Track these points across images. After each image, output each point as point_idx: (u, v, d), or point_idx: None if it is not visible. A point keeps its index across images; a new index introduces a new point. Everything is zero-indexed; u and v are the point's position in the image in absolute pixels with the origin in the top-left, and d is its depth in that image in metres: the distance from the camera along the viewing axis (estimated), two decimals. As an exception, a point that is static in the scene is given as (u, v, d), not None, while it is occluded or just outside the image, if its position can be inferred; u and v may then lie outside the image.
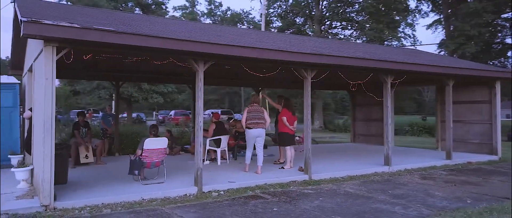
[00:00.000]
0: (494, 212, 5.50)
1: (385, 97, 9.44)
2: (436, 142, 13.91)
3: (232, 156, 10.65)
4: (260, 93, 14.25)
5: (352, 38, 36.23)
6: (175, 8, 73.25)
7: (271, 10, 36.61)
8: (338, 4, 32.27)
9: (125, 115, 24.35)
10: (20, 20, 5.32)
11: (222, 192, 6.87)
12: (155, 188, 6.80)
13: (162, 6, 25.09)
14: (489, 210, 5.62)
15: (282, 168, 9.00)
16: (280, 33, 16.11)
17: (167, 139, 7.42)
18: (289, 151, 9.02)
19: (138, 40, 5.92)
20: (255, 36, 9.37)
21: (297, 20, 36.75)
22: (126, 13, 9.29)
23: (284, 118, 8.90)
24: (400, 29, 34.49)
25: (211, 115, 11.21)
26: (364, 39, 35.07)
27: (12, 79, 9.36)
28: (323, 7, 33.04)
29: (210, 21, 71.96)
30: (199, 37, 6.88)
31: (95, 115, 22.93)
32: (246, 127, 8.44)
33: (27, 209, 5.54)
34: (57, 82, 26.59)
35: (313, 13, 32.72)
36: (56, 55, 5.69)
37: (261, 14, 29.97)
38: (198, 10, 72.67)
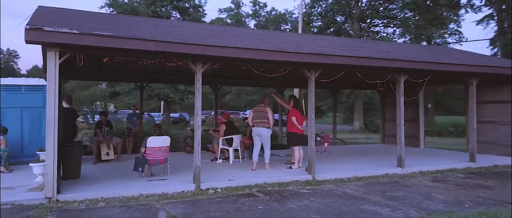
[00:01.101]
0: (483, 217, 5.24)
1: (397, 97, 9.19)
2: (466, 143, 13.22)
3: (247, 155, 10.81)
4: (272, 93, 14.34)
5: (395, 37, 35.12)
6: (220, 10, 75.10)
7: (312, 10, 36.40)
8: (379, 2, 31.40)
9: (157, 114, 25.13)
10: (24, 27, 5.82)
11: (219, 190, 7.06)
12: (156, 184, 7.14)
13: (200, 9, 25.76)
14: (478, 214, 5.37)
15: (290, 167, 9.04)
16: (288, 33, 16.01)
17: (169, 138, 7.73)
18: (298, 151, 9.04)
19: (131, 43, 6.26)
20: (261, 37, 9.45)
21: (338, 19, 36.24)
22: (141, 18, 9.74)
23: (293, 118, 8.95)
24: (448, 26, 32.95)
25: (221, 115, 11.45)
26: (408, 37, 33.92)
27: (41, 81, 10.13)
28: (363, 5, 32.29)
29: (255, 22, 72.87)
30: (194, 40, 7.11)
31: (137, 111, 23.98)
32: (252, 125, 8.73)
33: (32, 201, 6.04)
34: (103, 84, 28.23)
35: (353, 12, 32.08)
36: (59, 59, 6.16)
37: (298, 13, 29.97)
38: (243, 11, 73.80)
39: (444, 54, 11.74)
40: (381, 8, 31.27)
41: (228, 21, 71.15)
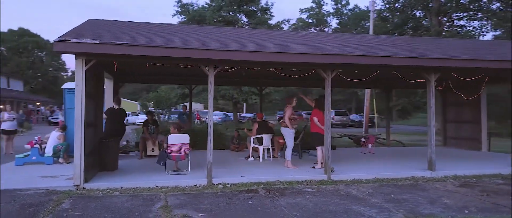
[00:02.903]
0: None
1: (428, 97, 8.73)
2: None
3: (280, 154, 11.07)
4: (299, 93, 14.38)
5: (483, 31, 32.24)
6: (301, 11, 75.15)
7: (388, 6, 34.94)
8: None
9: (217, 114, 25.99)
10: (54, 40, 6.85)
11: (228, 185, 7.51)
12: (174, 178, 7.81)
13: (266, 11, 26.36)
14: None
15: (313, 167, 9.14)
16: (307, 33, 15.69)
17: (187, 136, 8.36)
18: (320, 151, 9.10)
19: (141, 50, 6.99)
20: (280, 39, 9.61)
21: (418, 14, 34.28)
22: (179, 26, 10.53)
23: (315, 119, 9.04)
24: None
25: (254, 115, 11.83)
26: (498, 31, 30.94)
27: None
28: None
29: (337, 21, 71.70)
30: (204, 45, 7.62)
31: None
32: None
33: (64, 187, 7.07)
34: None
35: (431, 5, 30.15)
36: (86, 66, 7.11)
37: (370, 10, 29.06)
38: (325, 10, 73.05)
39: (499, 50, 10.75)
40: (463, 0, 28.92)
41: (309, 21, 71.22)
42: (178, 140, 8.17)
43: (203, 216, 5.49)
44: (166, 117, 12.81)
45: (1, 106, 13.08)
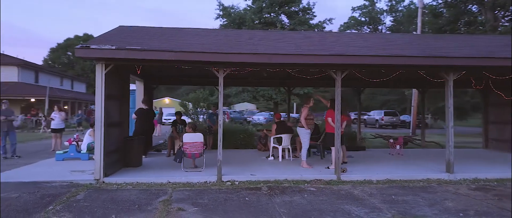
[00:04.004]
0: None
1: (446, 97, 8.45)
2: None
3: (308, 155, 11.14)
4: (316, 94, 14.22)
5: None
6: (353, 9, 73.61)
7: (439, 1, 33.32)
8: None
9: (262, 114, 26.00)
10: (75, 47, 7.53)
11: (236, 182, 7.81)
12: (187, 174, 8.24)
13: (309, 12, 26.29)
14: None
15: (328, 167, 9.18)
16: (324, 33, 15.21)
17: (201, 135, 8.76)
18: (336, 151, 9.10)
19: (152, 54, 7.50)
20: (293, 41, 9.70)
21: (474, 9, 32.38)
22: (200, 30, 10.90)
23: (329, 119, 9.08)
24: None
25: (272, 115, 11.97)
26: None
27: (132, 87, 12.31)
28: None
29: (391, 19, 69.32)
30: (212, 48, 7.97)
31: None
32: None
33: (86, 181, 7.75)
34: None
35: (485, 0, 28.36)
36: (105, 70, 7.74)
37: (418, 7, 28.01)
38: (378, 7, 70.93)
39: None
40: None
41: (362, 19, 69.52)
42: (192, 138, 8.61)
43: (196, 210, 5.84)
44: (204, 117, 13.36)
45: (55, 107, 14.35)
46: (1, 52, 38.44)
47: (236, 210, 5.83)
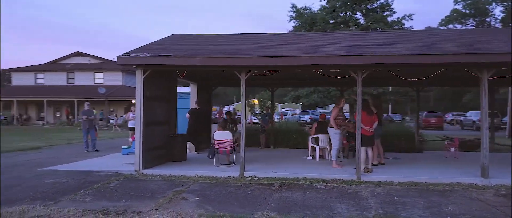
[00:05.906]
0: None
1: (481, 97, 7.86)
2: None
3: (342, 155, 11.13)
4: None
5: None
6: (455, 1, 67.97)
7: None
8: None
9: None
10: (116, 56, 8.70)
11: (256, 178, 8.28)
12: (218, 170, 8.94)
13: (387, 8, 25.30)
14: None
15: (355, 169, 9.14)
16: (354, 33, 14.23)
17: (230, 133, 9.38)
18: (364, 152, 9.03)
19: (181, 60, 8.37)
20: (321, 42, 9.71)
21: None
22: (239, 36, 11.45)
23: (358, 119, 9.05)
24: None
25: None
26: None
27: (187, 89, 13.44)
28: None
29: (501, 9, 62.33)
30: (235, 53, 8.55)
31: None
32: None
33: (128, 171, 8.88)
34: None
35: None
36: (144, 75, 8.82)
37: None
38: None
39: None
40: None
41: (466, 11, 63.77)
42: (221, 136, 9.30)
43: (197, 200, 6.48)
44: (267, 117, 14.03)
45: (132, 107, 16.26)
46: (111, 58, 43.50)
47: (230, 201, 6.35)
